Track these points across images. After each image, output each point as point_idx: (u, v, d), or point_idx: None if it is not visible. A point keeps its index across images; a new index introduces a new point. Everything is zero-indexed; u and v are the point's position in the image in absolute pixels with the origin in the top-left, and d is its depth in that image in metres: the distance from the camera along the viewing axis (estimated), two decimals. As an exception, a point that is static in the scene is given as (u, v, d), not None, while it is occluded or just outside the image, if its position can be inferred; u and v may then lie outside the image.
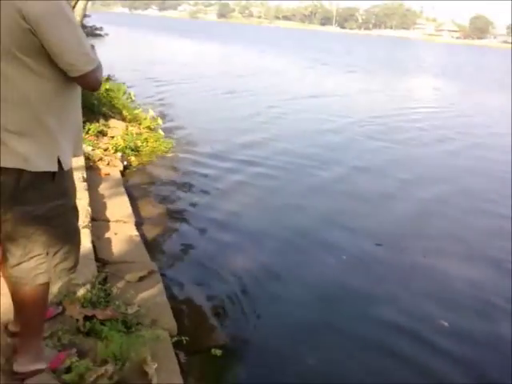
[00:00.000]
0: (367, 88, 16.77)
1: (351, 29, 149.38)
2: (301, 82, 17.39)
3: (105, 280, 2.91)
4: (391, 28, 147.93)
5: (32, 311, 1.90)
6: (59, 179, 1.76)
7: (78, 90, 1.82)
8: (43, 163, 1.69)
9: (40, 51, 1.59)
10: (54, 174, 1.73)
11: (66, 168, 1.76)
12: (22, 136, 1.65)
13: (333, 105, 12.64)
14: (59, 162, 1.73)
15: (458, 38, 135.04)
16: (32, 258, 1.79)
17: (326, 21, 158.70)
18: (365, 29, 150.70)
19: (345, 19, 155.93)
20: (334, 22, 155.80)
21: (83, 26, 7.59)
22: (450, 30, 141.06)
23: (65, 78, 1.69)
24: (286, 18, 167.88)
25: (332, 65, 25.70)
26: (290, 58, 28.58)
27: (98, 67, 1.72)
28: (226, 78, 16.68)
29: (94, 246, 3.24)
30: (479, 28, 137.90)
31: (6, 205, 1.73)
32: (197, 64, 20.55)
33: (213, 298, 3.36)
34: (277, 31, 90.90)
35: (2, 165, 1.65)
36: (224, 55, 29.01)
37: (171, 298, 3.09)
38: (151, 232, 4.24)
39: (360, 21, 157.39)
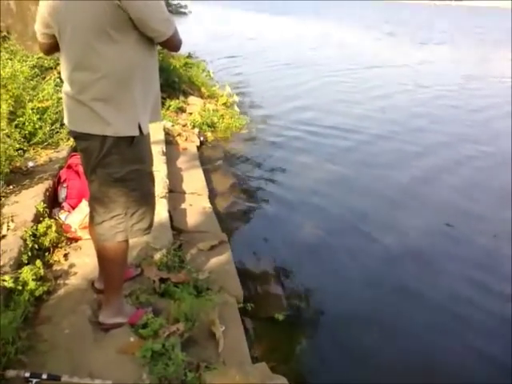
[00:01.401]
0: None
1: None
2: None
3: (179, 247, 3.12)
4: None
5: (113, 267, 2.12)
6: (138, 144, 1.92)
7: (156, 58, 1.98)
8: (125, 128, 1.86)
9: (127, 24, 1.74)
10: (132, 138, 1.89)
11: (145, 133, 1.92)
12: (108, 103, 1.82)
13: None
14: (139, 128, 1.89)
15: None
16: (113, 217, 1.99)
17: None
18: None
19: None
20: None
21: (167, 4, 7.88)
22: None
23: (146, 47, 1.85)
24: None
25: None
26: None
27: (176, 29, 1.87)
28: (301, 50, 16.46)
29: (170, 216, 3.46)
30: None
31: (92, 167, 1.95)
32: (272, 39, 20.41)
33: (277, 269, 3.49)
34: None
35: (91, 131, 1.85)
36: (296, 28, 28.45)
37: (239, 266, 3.24)
38: (223, 205, 4.43)
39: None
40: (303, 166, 5.72)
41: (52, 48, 2.03)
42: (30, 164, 3.29)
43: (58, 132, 3.80)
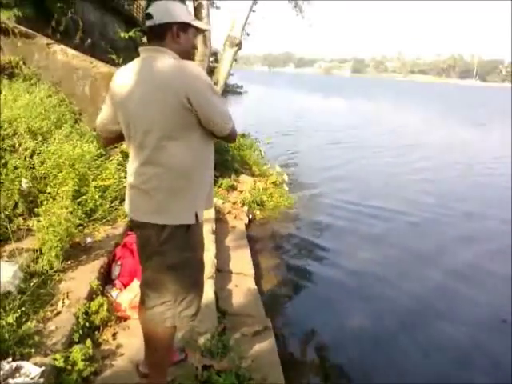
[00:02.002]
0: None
1: (494, 82, 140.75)
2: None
3: (223, 330, 3.12)
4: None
5: (160, 351, 2.16)
6: (192, 231, 2.02)
7: (212, 150, 2.12)
8: (184, 217, 1.98)
9: (193, 123, 1.92)
10: (188, 226, 1.99)
11: (200, 220, 2.03)
12: (170, 193, 1.95)
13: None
14: (196, 216, 2.00)
15: None
16: (163, 303, 2.07)
17: (464, 74, 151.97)
18: (509, 82, 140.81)
19: (487, 72, 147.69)
20: (474, 74, 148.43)
21: (226, 85, 8.47)
22: None
23: (207, 141, 2.01)
24: (421, 71, 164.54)
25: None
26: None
27: (233, 123, 2.03)
28: (354, 132, 16.79)
29: (216, 297, 3.50)
30: None
31: (148, 255, 2.06)
32: (326, 120, 21.02)
33: (323, 360, 3.38)
34: (410, 85, 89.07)
35: (152, 221, 1.97)
36: (350, 109, 29.25)
37: (282, 355, 3.17)
38: (269, 286, 4.43)
39: (504, 73, 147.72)
40: (350, 246, 5.67)
41: (113, 141, 2.24)
42: (89, 240, 3.48)
43: (116, 209, 4.03)
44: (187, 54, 2.03)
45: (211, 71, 8.84)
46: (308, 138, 14.68)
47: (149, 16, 1.94)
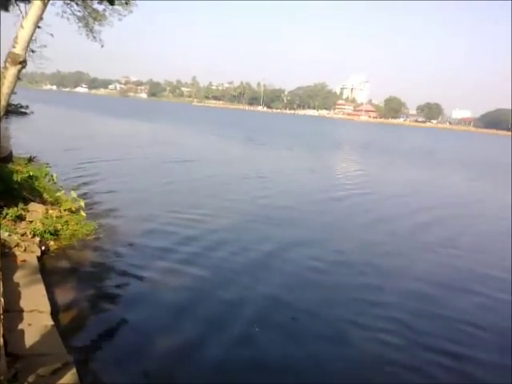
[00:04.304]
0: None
1: (277, 109, 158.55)
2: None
3: (14, 376, 2.82)
4: (314, 108, 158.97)
5: None
6: None
7: None
8: None
9: None
10: None
11: None
12: None
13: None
14: None
15: (374, 117, 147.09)
16: None
17: (253, 101, 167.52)
18: (289, 109, 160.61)
19: (271, 100, 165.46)
20: (261, 102, 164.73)
21: (8, 105, 7.50)
22: (367, 111, 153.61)
23: None
24: (215, 97, 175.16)
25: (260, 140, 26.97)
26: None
27: None
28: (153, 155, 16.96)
29: (4, 340, 3.13)
30: (393, 108, 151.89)
31: None
32: (121, 142, 20.66)
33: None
34: (205, 110, 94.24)
35: None
36: (143, 131, 29.42)
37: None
38: (68, 320, 4.15)
39: (285, 101, 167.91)
40: (154, 270, 5.68)
41: None
42: None
43: None
44: None
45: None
46: (102, 161, 14.20)
47: None
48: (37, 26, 7.59)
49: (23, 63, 7.23)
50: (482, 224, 10.37)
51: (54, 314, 3.98)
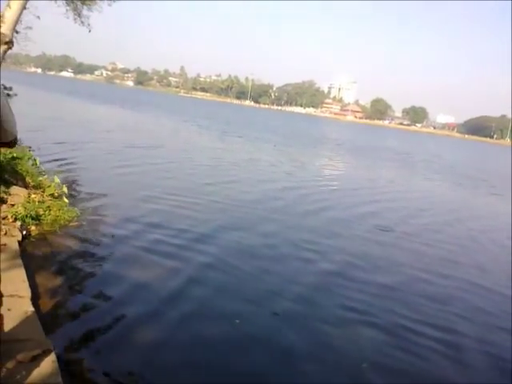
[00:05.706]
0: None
1: (265, 104, 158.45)
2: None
3: (-7, 361, 2.76)
4: (301, 106, 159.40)
5: None
6: None
7: None
8: None
9: None
10: None
11: None
12: None
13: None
14: None
15: (360, 118, 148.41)
16: None
17: (241, 95, 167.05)
18: (277, 105, 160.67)
19: (259, 95, 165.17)
20: (249, 96, 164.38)
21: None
22: (353, 111, 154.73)
23: None
24: (203, 89, 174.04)
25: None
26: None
27: None
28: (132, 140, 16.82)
29: (-18, 325, 3.07)
30: (379, 110, 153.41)
31: None
32: (104, 128, 20.45)
33: (112, 376, 3.29)
34: (191, 101, 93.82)
35: None
36: (125, 119, 29.20)
37: (67, 376, 2.99)
38: (49, 306, 4.09)
39: (273, 97, 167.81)
40: (133, 256, 5.65)
41: None
42: None
43: None
44: None
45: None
46: (87, 146, 14.16)
47: None
48: (24, 7, 7.45)
49: (9, 44, 7.09)
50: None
51: (35, 299, 3.91)
